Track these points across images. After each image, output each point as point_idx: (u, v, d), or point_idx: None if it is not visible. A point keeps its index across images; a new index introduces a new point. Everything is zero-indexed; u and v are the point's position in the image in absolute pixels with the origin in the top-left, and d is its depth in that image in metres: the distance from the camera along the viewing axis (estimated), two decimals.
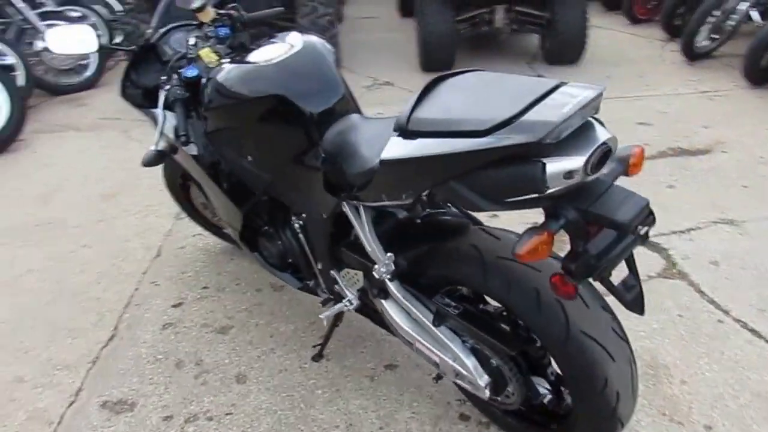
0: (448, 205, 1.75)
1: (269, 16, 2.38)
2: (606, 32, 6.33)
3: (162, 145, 2.09)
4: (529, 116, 1.16)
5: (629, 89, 4.62)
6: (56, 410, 2.10)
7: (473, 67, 1.47)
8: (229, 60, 1.98)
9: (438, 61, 5.28)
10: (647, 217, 1.24)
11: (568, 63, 5.19)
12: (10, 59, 4.32)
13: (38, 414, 2.09)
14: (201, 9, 2.12)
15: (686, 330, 2.24)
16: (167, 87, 2.04)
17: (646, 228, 1.24)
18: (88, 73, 5.77)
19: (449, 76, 1.43)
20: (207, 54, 2.05)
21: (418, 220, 1.75)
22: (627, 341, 1.49)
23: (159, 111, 2.03)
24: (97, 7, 6.08)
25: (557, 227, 1.19)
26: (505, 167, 1.18)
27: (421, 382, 2.08)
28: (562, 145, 1.14)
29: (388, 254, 1.65)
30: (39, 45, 5.42)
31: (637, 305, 1.34)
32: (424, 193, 1.38)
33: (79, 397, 2.14)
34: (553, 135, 1.11)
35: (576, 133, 1.16)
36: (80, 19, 5.54)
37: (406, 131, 1.33)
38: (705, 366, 2.08)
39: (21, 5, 5.37)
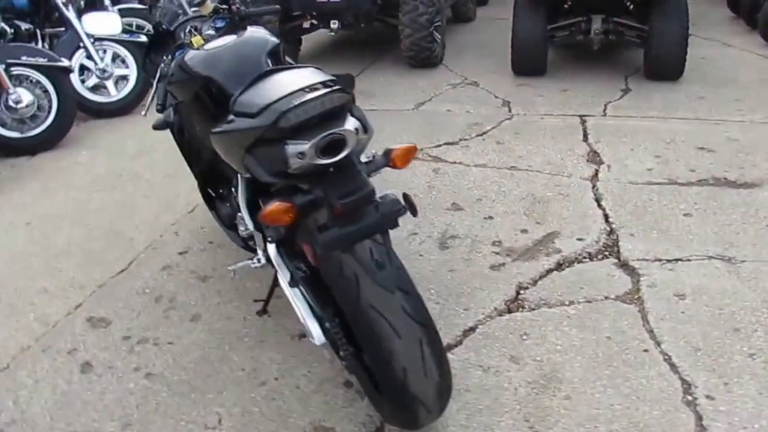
0: None
1: (265, 13, 2.74)
2: (734, 51, 5.87)
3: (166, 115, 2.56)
4: (277, 103, 1.41)
5: (716, 112, 4.34)
6: (56, 317, 2.64)
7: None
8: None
9: (528, 67, 5.31)
10: (397, 210, 1.42)
11: (666, 79, 4.96)
12: (67, 62, 4.85)
13: (43, 317, 2.65)
14: (202, 2, 2.52)
15: (604, 352, 2.24)
16: (162, 65, 2.48)
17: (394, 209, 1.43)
18: None
19: (283, 69, 1.69)
20: (197, 41, 2.44)
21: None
22: (423, 324, 1.63)
23: (154, 83, 2.47)
24: None
25: (301, 201, 1.41)
26: (269, 145, 1.43)
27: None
28: (305, 130, 1.37)
29: None
30: None
31: (387, 281, 1.52)
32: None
33: (76, 311, 2.68)
34: (283, 120, 1.34)
35: (321, 122, 1.38)
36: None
37: (232, 111, 1.62)
38: (600, 388, 2.09)
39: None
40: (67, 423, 2.11)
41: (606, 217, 3.11)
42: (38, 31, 5.28)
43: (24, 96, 4.34)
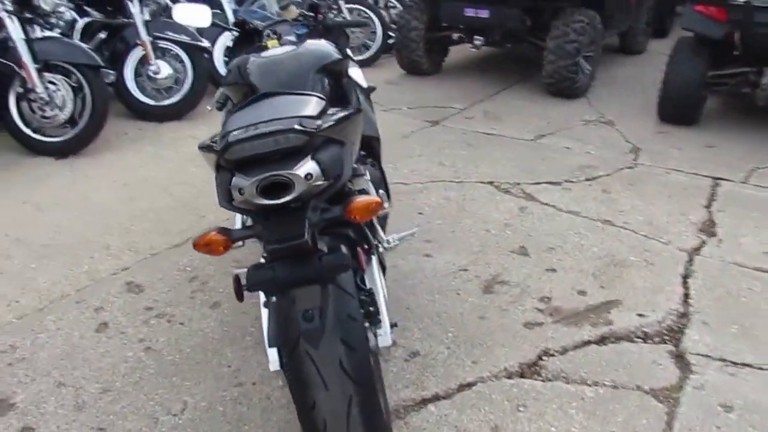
0: None
1: (354, 24, 2.77)
2: None
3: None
4: (233, 133, 1.39)
5: None
6: (103, 274, 2.89)
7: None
8: None
9: (677, 114, 4.85)
10: (339, 265, 1.37)
11: None
12: (206, 42, 4.98)
13: (93, 271, 2.91)
14: (285, 7, 2.61)
15: None
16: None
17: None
18: None
19: (280, 94, 1.67)
20: (273, 44, 2.53)
21: None
22: (358, 382, 1.54)
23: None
24: None
25: (238, 236, 1.39)
26: (223, 172, 1.43)
27: None
28: (253, 166, 1.34)
29: None
30: None
31: (311, 337, 1.45)
32: None
33: (121, 273, 2.91)
34: (228, 153, 1.33)
35: (275, 159, 1.35)
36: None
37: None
38: None
39: None
40: (60, 374, 2.30)
41: (686, 297, 2.75)
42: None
43: (163, 68, 4.79)
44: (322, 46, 2.35)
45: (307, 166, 1.37)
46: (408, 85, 6.29)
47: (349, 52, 2.80)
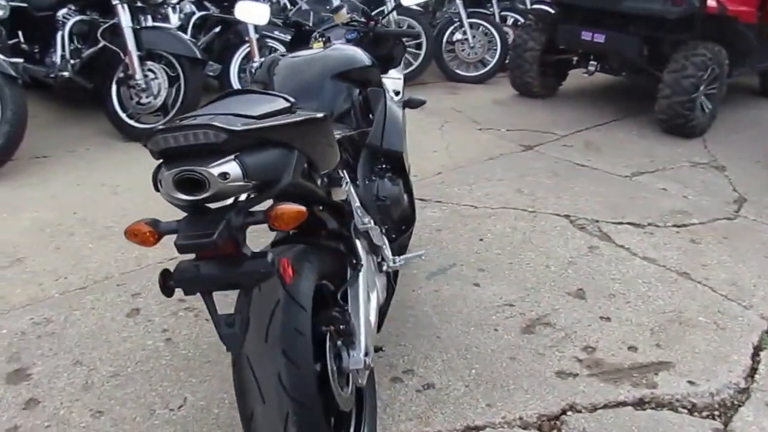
0: None
1: (405, 35, 2.72)
2: None
3: None
4: (167, 124, 1.36)
5: None
6: (150, 261, 3.03)
7: None
8: None
9: None
10: (261, 272, 1.32)
11: None
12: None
13: (142, 257, 3.05)
14: (336, 10, 2.62)
15: None
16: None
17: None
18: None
19: (247, 92, 1.64)
20: (318, 46, 2.55)
21: None
22: (297, 401, 1.47)
23: None
24: None
25: (163, 229, 1.35)
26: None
27: None
28: (177, 159, 1.30)
29: None
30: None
31: (231, 343, 1.38)
32: None
33: (167, 262, 3.00)
34: (150, 142, 1.30)
35: (199, 155, 1.30)
36: None
37: None
38: None
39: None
40: (81, 352, 2.40)
41: (752, 371, 2.44)
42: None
43: None
44: (346, 51, 2.32)
45: (226, 166, 1.30)
46: (515, 106, 6.14)
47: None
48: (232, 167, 1.30)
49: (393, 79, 2.84)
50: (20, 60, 4.17)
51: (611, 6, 5.25)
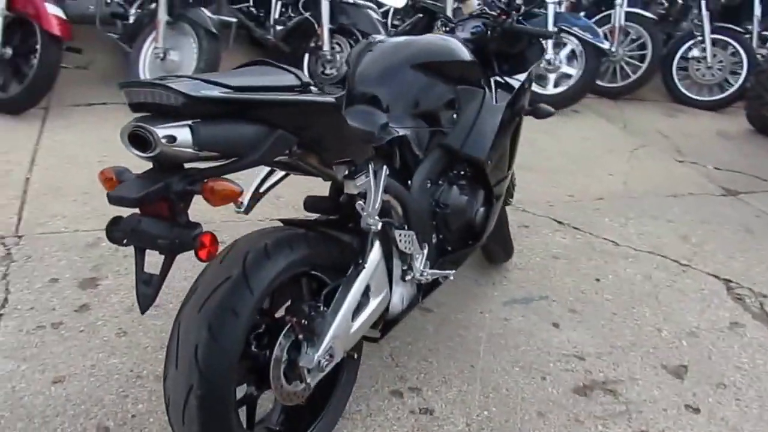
0: None
1: (539, 35, 2.49)
2: None
3: None
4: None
5: None
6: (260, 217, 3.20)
7: None
8: None
9: None
10: (184, 241, 1.34)
11: None
12: None
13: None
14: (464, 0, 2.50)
15: None
16: None
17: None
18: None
19: (264, 63, 1.62)
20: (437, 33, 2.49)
21: None
22: (204, 375, 1.47)
23: None
24: None
25: (119, 178, 1.41)
26: None
27: None
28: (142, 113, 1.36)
29: None
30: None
31: (142, 301, 1.41)
32: None
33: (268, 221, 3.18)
34: (123, 93, 1.36)
35: (161, 113, 1.33)
36: None
37: None
38: None
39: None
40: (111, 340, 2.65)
41: None
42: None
43: None
44: (438, 42, 2.22)
45: (176, 130, 1.30)
46: (740, 143, 5.33)
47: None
48: (181, 132, 1.31)
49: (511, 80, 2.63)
50: (234, 20, 4.68)
51: None
